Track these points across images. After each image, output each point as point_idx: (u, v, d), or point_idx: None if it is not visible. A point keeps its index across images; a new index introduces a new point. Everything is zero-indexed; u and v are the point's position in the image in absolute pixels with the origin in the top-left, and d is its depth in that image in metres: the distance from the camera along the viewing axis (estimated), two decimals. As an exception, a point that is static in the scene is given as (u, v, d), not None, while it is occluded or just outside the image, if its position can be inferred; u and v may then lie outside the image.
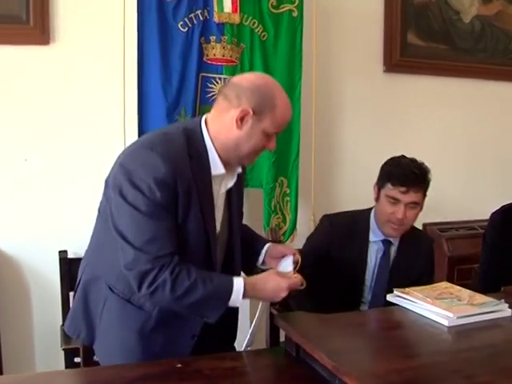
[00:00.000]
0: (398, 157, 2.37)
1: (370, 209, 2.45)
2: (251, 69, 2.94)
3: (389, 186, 2.28)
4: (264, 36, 2.98)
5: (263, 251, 2.01)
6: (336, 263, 2.35)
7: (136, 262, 1.65)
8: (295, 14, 3.04)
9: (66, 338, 2.76)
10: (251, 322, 1.89)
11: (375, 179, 2.40)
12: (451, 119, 3.84)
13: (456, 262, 3.49)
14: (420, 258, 2.44)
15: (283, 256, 1.96)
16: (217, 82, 2.88)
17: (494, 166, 3.97)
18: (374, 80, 3.66)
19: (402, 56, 3.68)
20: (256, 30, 2.96)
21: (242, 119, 1.71)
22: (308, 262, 2.17)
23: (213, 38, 2.86)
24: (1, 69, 2.88)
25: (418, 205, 2.29)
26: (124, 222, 1.68)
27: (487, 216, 2.74)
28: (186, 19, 2.81)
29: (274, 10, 3.00)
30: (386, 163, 2.38)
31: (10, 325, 2.94)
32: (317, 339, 1.63)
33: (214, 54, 2.88)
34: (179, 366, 1.64)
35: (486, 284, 2.54)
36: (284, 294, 1.77)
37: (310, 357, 1.62)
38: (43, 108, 2.93)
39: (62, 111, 2.95)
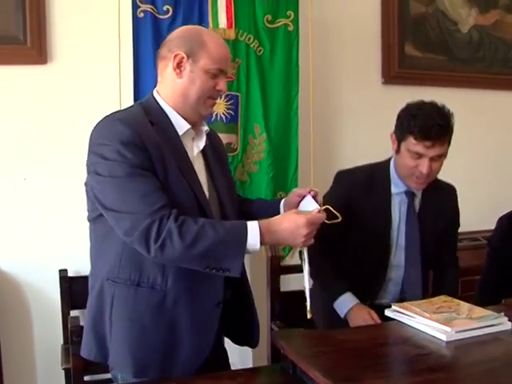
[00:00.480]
0: (417, 104, 2.18)
1: (388, 160, 2.32)
2: (248, 84, 2.95)
3: (411, 140, 2.11)
4: (260, 51, 2.99)
5: (281, 205, 1.94)
6: (358, 219, 2.20)
7: (134, 224, 1.59)
8: (291, 28, 3.05)
9: (66, 357, 2.76)
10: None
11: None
12: (451, 130, 3.82)
13: (460, 273, 3.46)
14: (445, 207, 2.33)
15: (302, 198, 1.86)
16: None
17: (495, 175, 3.95)
18: (372, 92, 3.66)
19: (400, 68, 3.68)
20: (252, 45, 2.96)
21: (178, 66, 1.74)
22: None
23: (208, 54, 2.87)
24: (-1, 89, 2.91)
25: (444, 155, 2.16)
26: (109, 196, 1.65)
27: (491, 227, 2.72)
28: (181, 36, 2.82)
29: (269, 25, 3.00)
30: (404, 110, 2.20)
31: (11, 344, 2.93)
32: (312, 356, 1.61)
33: (210, 70, 2.88)
34: (174, 386, 1.63)
35: (487, 287, 2.52)
36: (304, 231, 1.65)
37: (305, 374, 1.60)
38: (41, 127, 2.95)
39: (60, 130, 2.96)
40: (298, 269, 2.93)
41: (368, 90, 3.65)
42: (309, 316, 1.76)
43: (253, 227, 1.63)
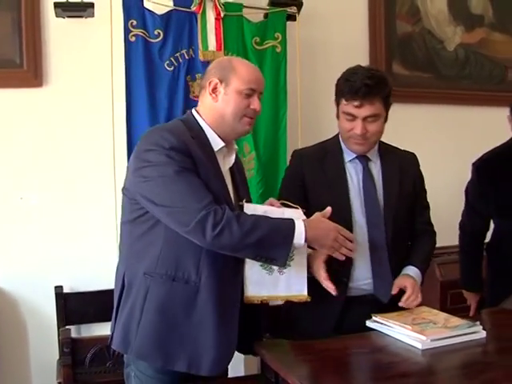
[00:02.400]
0: (353, 68, 2.23)
1: (338, 133, 2.36)
2: (237, 104, 3.04)
3: (343, 101, 2.18)
4: (250, 72, 3.08)
5: None
6: (315, 192, 2.25)
7: (189, 217, 1.73)
8: (278, 49, 3.15)
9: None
10: None
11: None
12: (439, 146, 3.90)
13: (448, 286, 3.50)
14: (408, 171, 2.35)
15: None
16: (203, 119, 2.96)
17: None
18: (360, 110, 3.74)
19: (388, 86, 3.78)
20: (240, 67, 3.05)
21: (214, 91, 1.94)
22: (289, 194, 2.20)
23: (198, 75, 2.95)
24: (-3, 111, 3.01)
25: (378, 116, 2.17)
26: (161, 193, 1.78)
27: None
28: (171, 58, 2.93)
29: (257, 47, 3.11)
30: (341, 76, 2.25)
31: (7, 359, 3.01)
32: (291, 365, 1.69)
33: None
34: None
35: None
36: (334, 235, 1.89)
37: (286, 383, 1.68)
38: (37, 147, 3.05)
39: (54, 150, 3.06)
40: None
41: (356, 108, 3.73)
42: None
43: (299, 223, 1.84)
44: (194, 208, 1.75)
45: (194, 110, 2.02)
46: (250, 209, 1.92)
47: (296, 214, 1.95)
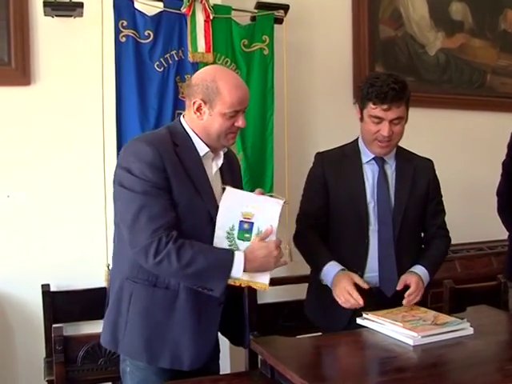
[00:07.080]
0: (375, 73, 2.39)
1: (357, 138, 2.48)
2: (225, 105, 3.08)
3: (371, 105, 2.27)
4: (237, 74, 3.11)
5: None
6: (334, 192, 2.39)
7: (137, 239, 1.84)
8: (266, 52, 3.20)
9: (49, 369, 2.83)
10: None
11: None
12: (419, 148, 3.96)
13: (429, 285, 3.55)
14: (421, 175, 2.43)
15: None
16: (192, 119, 3.00)
17: (463, 193, 4.10)
18: (344, 112, 3.78)
19: (370, 89, 3.84)
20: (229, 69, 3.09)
21: (198, 110, 1.97)
22: (311, 196, 2.43)
23: (188, 76, 2.98)
24: (-16, 109, 2.99)
25: (402, 119, 2.30)
26: (123, 206, 1.90)
27: (458, 241, 2.86)
28: (161, 59, 2.95)
29: (245, 49, 3.16)
30: (364, 81, 2.36)
31: (-7, 359, 2.99)
32: (288, 360, 1.73)
33: (189, 92, 3.02)
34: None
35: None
36: (276, 253, 1.92)
37: (283, 377, 1.72)
38: (25, 146, 3.03)
39: (43, 149, 3.05)
40: (274, 282, 3.05)
41: (340, 111, 3.79)
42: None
43: (239, 258, 1.89)
44: (144, 234, 1.83)
45: (182, 117, 2.06)
46: (231, 193, 1.97)
47: (276, 205, 1.98)
